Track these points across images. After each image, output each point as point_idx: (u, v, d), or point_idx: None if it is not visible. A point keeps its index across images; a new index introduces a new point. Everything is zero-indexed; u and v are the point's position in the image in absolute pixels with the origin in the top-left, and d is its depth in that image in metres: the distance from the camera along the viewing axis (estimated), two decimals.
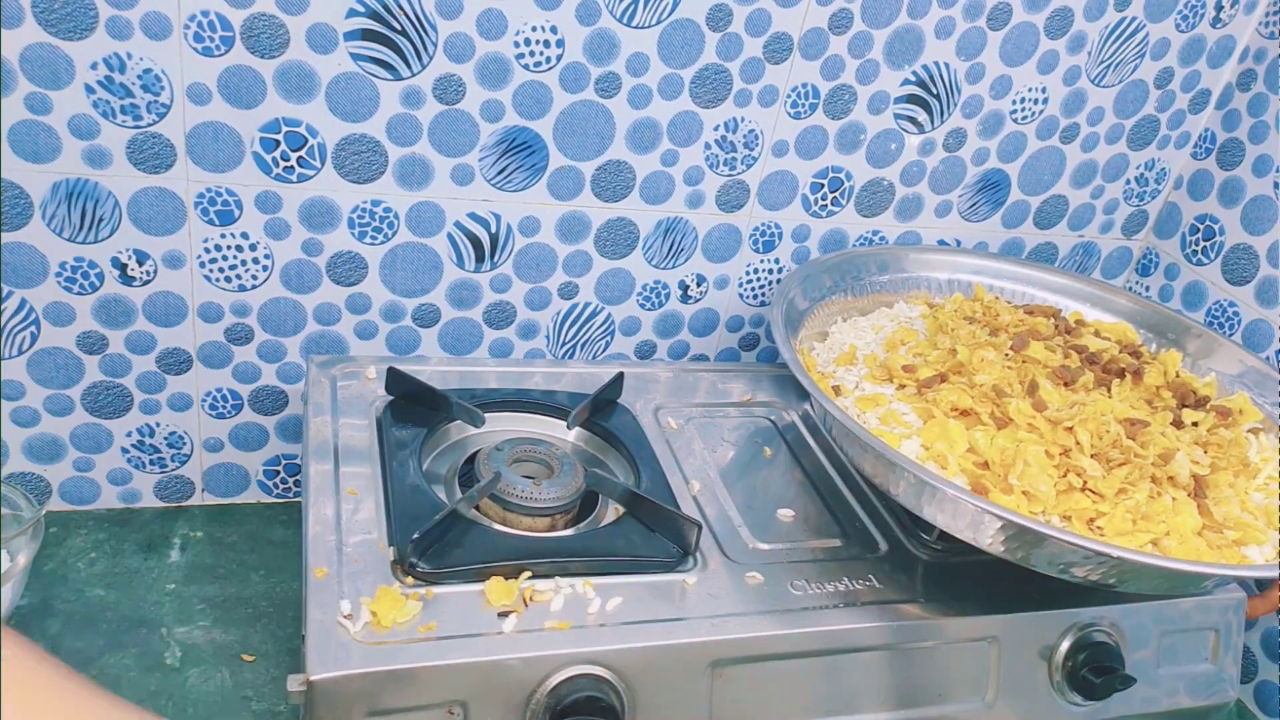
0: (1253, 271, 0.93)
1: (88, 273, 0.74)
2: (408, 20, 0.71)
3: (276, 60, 0.70)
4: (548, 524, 0.69)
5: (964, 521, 0.64)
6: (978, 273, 0.96)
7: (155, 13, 0.67)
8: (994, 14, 0.85)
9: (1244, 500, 0.71)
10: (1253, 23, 0.93)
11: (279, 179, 0.75)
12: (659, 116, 0.81)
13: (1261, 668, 0.90)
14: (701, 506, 0.75)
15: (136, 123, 0.70)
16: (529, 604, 0.61)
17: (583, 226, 0.85)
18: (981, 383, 0.74)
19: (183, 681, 0.71)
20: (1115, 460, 0.70)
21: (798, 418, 0.89)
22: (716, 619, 0.63)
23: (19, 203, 0.70)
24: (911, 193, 0.93)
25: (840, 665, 0.66)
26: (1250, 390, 0.86)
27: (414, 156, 0.77)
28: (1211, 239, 0.98)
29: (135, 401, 0.81)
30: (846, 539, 0.75)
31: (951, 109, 0.89)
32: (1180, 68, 0.94)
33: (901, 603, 0.68)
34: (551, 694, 0.58)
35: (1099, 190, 1.00)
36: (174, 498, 0.87)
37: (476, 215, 0.81)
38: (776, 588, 0.67)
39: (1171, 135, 0.99)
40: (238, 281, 0.78)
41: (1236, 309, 0.94)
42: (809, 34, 0.81)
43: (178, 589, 0.79)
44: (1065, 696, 0.72)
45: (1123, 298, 0.95)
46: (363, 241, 0.79)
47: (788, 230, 0.91)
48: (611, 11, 0.75)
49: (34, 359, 0.76)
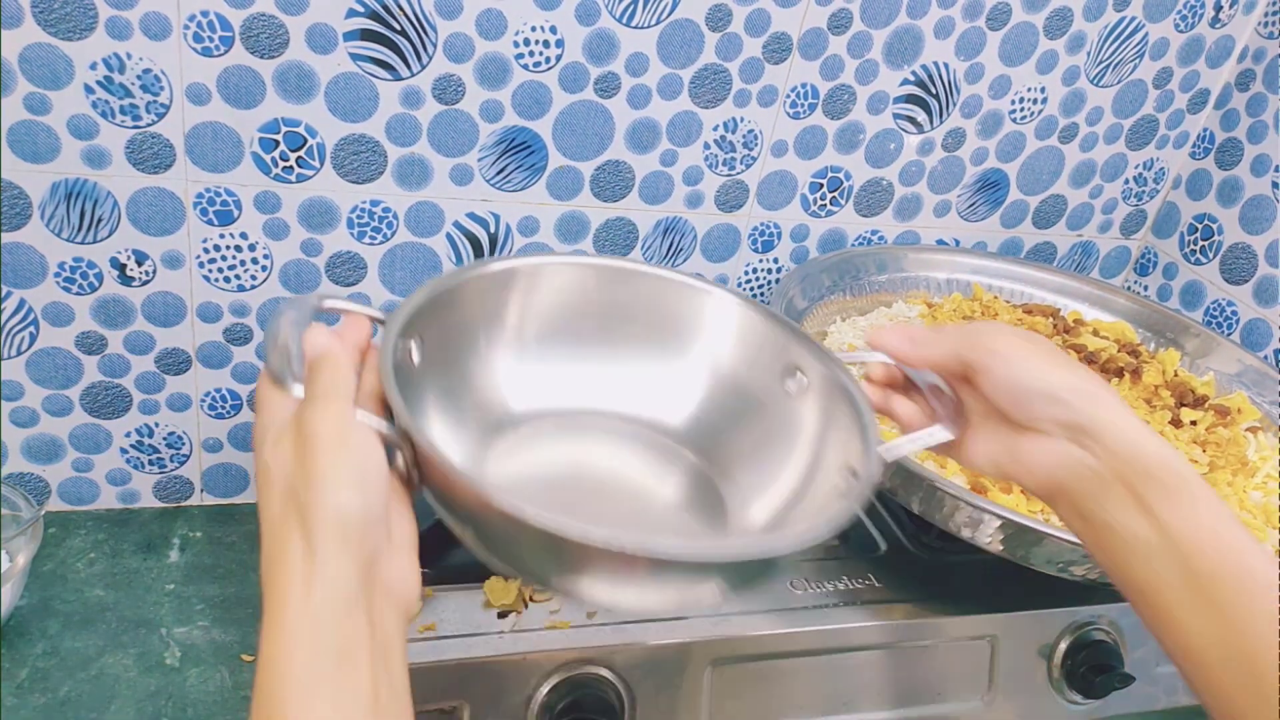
0: (1251, 271, 0.93)
1: (87, 273, 0.74)
2: (407, 20, 0.71)
3: (276, 60, 0.70)
4: None
5: (963, 521, 0.64)
6: (976, 272, 0.96)
7: (155, 13, 0.67)
8: (993, 14, 0.85)
9: (1242, 499, 0.72)
10: (1252, 23, 0.93)
11: (278, 179, 0.75)
12: (658, 116, 0.81)
13: None
14: None
15: (136, 123, 0.70)
16: (529, 604, 0.62)
17: (582, 226, 0.85)
18: None
19: (182, 681, 0.71)
20: None
21: None
22: (716, 618, 0.63)
23: (18, 203, 0.70)
24: (910, 192, 0.93)
25: (840, 664, 0.66)
26: (1248, 389, 0.86)
27: (413, 156, 0.77)
28: (1210, 238, 0.98)
29: (134, 402, 0.81)
30: (845, 538, 0.75)
31: (950, 109, 0.89)
32: (1179, 68, 0.94)
33: (901, 602, 0.69)
34: (551, 694, 0.58)
35: (1098, 190, 1.00)
36: (173, 498, 0.87)
37: (476, 215, 0.81)
38: (776, 587, 0.67)
39: (1170, 135, 0.99)
40: (237, 282, 0.78)
41: (1235, 308, 0.95)
42: (808, 34, 0.81)
43: (177, 589, 0.79)
44: (1064, 695, 0.72)
45: (1121, 297, 0.96)
46: (362, 241, 0.79)
47: (787, 230, 0.91)
48: (611, 11, 0.75)
49: (33, 359, 0.76)
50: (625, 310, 0.58)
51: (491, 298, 0.55)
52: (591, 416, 0.57)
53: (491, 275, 0.55)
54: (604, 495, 0.54)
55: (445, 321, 0.52)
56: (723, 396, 0.58)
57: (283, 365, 0.41)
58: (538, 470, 0.54)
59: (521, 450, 0.54)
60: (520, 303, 0.56)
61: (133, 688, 0.70)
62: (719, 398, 0.58)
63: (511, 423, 0.55)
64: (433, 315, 0.51)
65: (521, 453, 0.54)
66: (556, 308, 0.57)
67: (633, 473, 0.56)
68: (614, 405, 0.58)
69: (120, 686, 0.70)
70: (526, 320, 0.57)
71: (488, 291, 0.55)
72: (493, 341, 0.56)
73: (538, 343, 0.57)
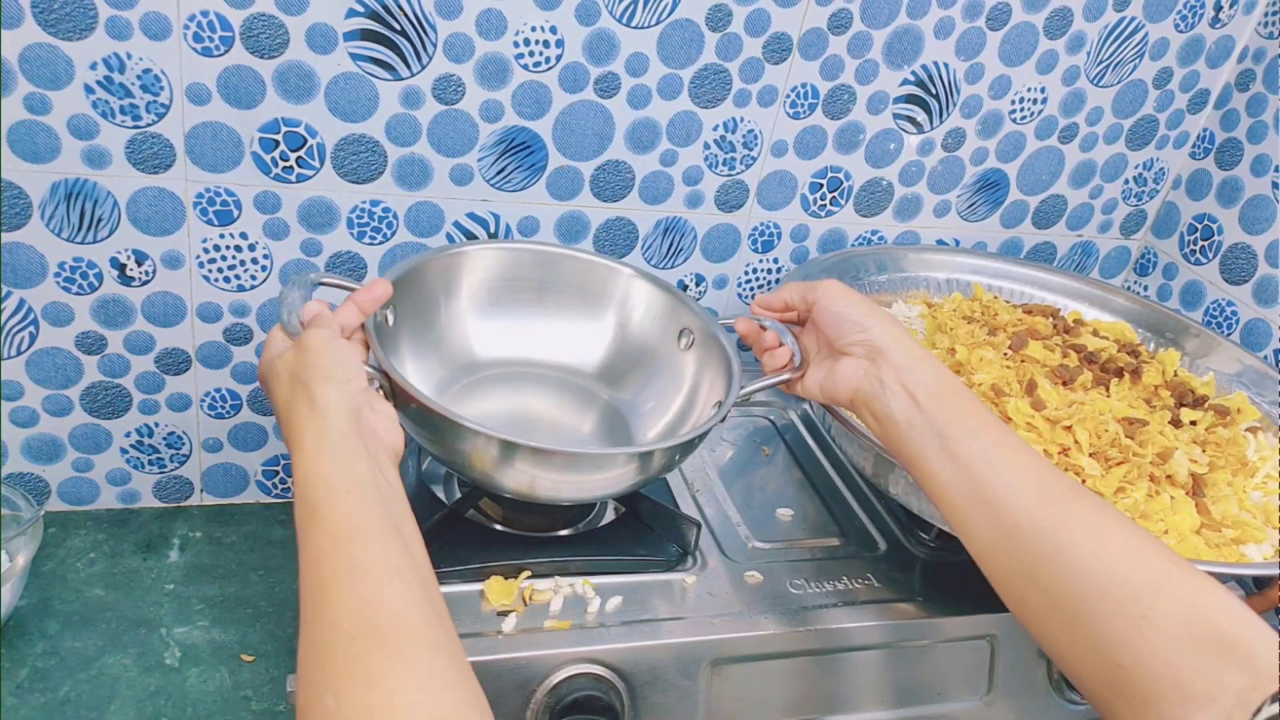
0: (1251, 271, 0.93)
1: (86, 273, 0.74)
2: (407, 20, 0.71)
3: (276, 60, 0.70)
4: (547, 523, 0.69)
5: None
6: (976, 272, 0.96)
7: (155, 13, 0.67)
8: (993, 14, 0.85)
9: (1242, 499, 0.72)
10: (1252, 23, 0.93)
11: (278, 179, 0.75)
12: (658, 116, 0.81)
13: None
14: (701, 506, 0.75)
15: (136, 123, 0.70)
16: (528, 603, 0.62)
17: (582, 226, 0.85)
18: (980, 382, 0.74)
19: (182, 682, 0.71)
20: (1114, 459, 0.70)
21: (796, 417, 0.89)
22: (716, 618, 0.63)
23: (18, 203, 0.70)
24: (910, 192, 0.93)
25: (839, 664, 0.66)
26: (1248, 389, 0.86)
27: (413, 156, 0.77)
28: (1210, 238, 0.98)
29: (134, 402, 0.81)
30: (845, 538, 0.75)
31: (950, 109, 0.89)
32: (1179, 68, 0.94)
33: (900, 601, 0.69)
34: (551, 694, 0.58)
35: (1098, 190, 1.00)
36: (173, 498, 0.87)
37: (476, 215, 0.81)
38: (775, 587, 0.67)
39: (1170, 135, 0.99)
40: (237, 282, 0.78)
41: (1234, 308, 0.95)
42: (808, 34, 0.81)
43: (177, 589, 0.79)
44: (1063, 695, 0.72)
45: (1121, 297, 0.96)
46: (362, 242, 0.79)
47: (786, 230, 0.91)
48: (611, 12, 0.75)
49: (33, 359, 0.76)
50: (555, 284, 0.76)
51: (448, 275, 0.73)
52: (529, 365, 0.76)
53: (448, 256, 0.73)
54: (537, 421, 0.73)
55: (413, 292, 0.69)
56: (629, 349, 0.76)
57: (290, 318, 0.56)
58: (489, 406, 0.72)
59: (474, 391, 0.73)
60: (470, 278, 0.74)
61: (132, 688, 0.70)
62: (627, 350, 0.76)
63: (466, 369, 0.73)
64: (403, 288, 0.66)
65: (474, 392, 0.73)
66: (500, 281, 0.75)
67: (560, 406, 0.74)
68: (546, 356, 0.76)
69: (120, 686, 0.70)
70: (476, 291, 0.74)
71: (445, 270, 0.73)
72: (451, 306, 0.73)
73: (489, 305, 0.75)
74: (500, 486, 0.60)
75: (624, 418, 0.74)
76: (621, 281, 0.76)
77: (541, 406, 0.74)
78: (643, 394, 0.75)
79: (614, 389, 0.76)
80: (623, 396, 0.75)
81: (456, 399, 0.71)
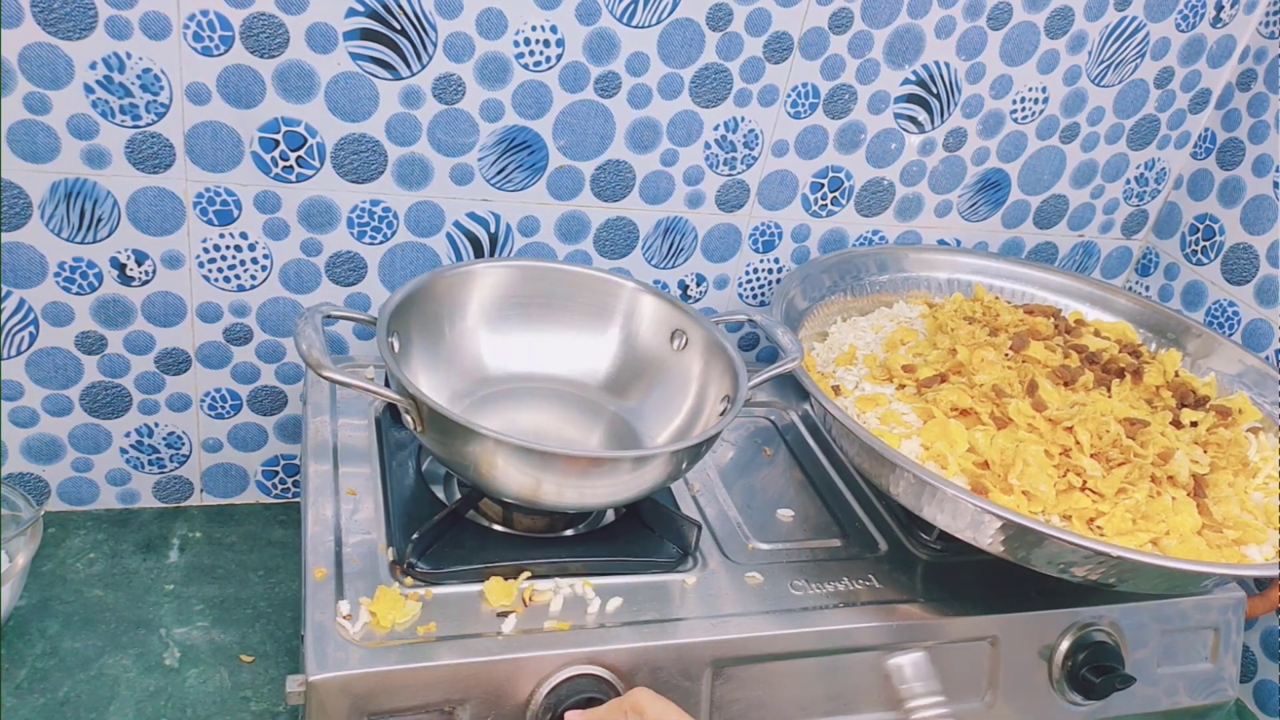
0: (1252, 271, 0.93)
1: (86, 273, 0.74)
2: (407, 20, 0.71)
3: (276, 60, 0.70)
4: (547, 524, 0.69)
5: (964, 521, 0.64)
6: (977, 272, 0.96)
7: (155, 12, 0.67)
8: (994, 14, 0.85)
9: (1243, 499, 0.71)
10: (1253, 23, 0.93)
11: (278, 179, 0.75)
12: (659, 116, 0.81)
13: (1261, 667, 0.90)
14: (701, 506, 0.75)
15: (135, 123, 0.70)
16: (528, 604, 0.61)
17: (582, 226, 0.85)
18: (981, 382, 0.74)
19: (182, 682, 0.71)
20: (1115, 460, 0.70)
21: (797, 418, 0.89)
22: (716, 619, 0.63)
23: (18, 203, 0.70)
24: (911, 192, 0.93)
25: (840, 665, 0.66)
26: (1250, 390, 0.86)
27: (413, 156, 0.77)
28: (1211, 239, 0.98)
29: (134, 402, 0.81)
30: (846, 539, 0.75)
31: (951, 109, 0.89)
32: (1180, 67, 0.94)
33: (901, 602, 0.68)
34: (551, 694, 0.58)
35: (1099, 190, 1.00)
36: (173, 498, 0.87)
37: (476, 215, 0.81)
38: (776, 588, 0.67)
39: (1171, 135, 0.99)
40: (236, 282, 0.78)
41: (1236, 309, 0.94)
42: (809, 33, 0.81)
43: (176, 589, 0.79)
44: (1065, 696, 0.72)
45: (1122, 297, 0.95)
46: (362, 241, 0.79)
47: (787, 230, 0.91)
48: (611, 11, 0.75)
49: (33, 359, 0.76)
50: (560, 299, 0.77)
51: (455, 293, 0.74)
52: (537, 380, 0.77)
53: (455, 275, 0.74)
54: (549, 433, 0.74)
55: (420, 314, 0.71)
56: (635, 362, 0.78)
57: (310, 351, 0.58)
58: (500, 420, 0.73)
59: (486, 405, 0.74)
60: (480, 296, 0.75)
61: (132, 688, 0.70)
62: (633, 363, 0.78)
63: (478, 386, 0.75)
64: (407, 311, 0.68)
65: (486, 407, 0.74)
66: (505, 299, 0.76)
67: (566, 418, 0.76)
68: (554, 370, 0.78)
69: (120, 687, 0.70)
70: (486, 308, 0.76)
71: (453, 287, 0.74)
72: (460, 324, 0.75)
73: (499, 322, 0.76)
74: (535, 500, 0.61)
75: (632, 427, 0.75)
76: (626, 295, 0.77)
77: (548, 420, 0.75)
78: (648, 403, 0.76)
79: (621, 400, 0.77)
80: (629, 405, 0.76)
81: (470, 414, 0.71)
